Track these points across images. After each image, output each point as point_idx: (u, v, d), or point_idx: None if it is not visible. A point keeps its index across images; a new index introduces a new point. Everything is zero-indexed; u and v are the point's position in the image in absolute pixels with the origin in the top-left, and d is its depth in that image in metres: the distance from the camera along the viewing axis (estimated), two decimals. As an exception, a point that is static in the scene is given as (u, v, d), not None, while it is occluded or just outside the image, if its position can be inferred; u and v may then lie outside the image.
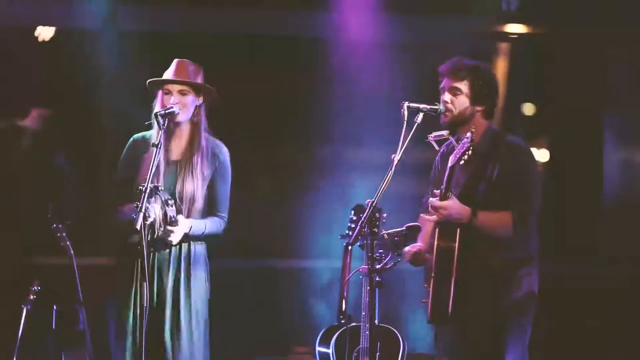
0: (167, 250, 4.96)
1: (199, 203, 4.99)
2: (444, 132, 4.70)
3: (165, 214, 4.78)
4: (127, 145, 5.10)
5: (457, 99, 4.65)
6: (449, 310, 4.48)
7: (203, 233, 4.98)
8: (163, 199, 4.75)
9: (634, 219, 7.32)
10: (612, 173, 7.61)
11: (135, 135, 5.10)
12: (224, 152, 5.10)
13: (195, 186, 4.97)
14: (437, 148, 4.76)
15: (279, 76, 7.12)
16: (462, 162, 4.46)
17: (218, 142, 5.10)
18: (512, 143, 4.68)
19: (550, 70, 7.40)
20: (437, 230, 4.55)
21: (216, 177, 5.06)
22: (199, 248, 5.05)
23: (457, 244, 4.49)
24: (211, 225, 5.01)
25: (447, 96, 4.66)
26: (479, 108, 4.67)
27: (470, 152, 4.45)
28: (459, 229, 4.50)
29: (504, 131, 4.76)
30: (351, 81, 6.92)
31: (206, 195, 5.03)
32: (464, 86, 4.65)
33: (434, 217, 4.54)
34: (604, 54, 7.45)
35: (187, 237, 4.93)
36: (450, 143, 4.72)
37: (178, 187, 4.98)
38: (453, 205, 4.50)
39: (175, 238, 4.86)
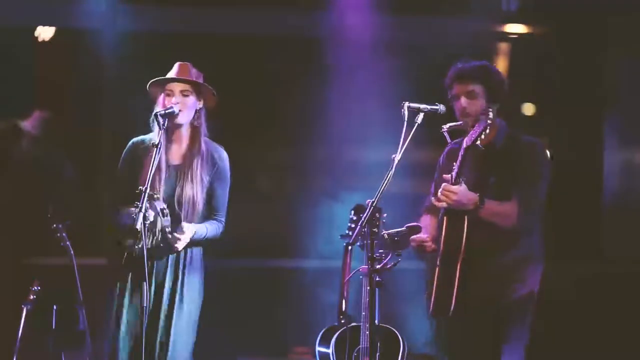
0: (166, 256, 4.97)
1: (199, 207, 4.99)
2: (459, 123, 4.70)
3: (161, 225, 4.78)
4: (126, 148, 5.08)
5: (474, 102, 4.64)
6: (452, 304, 4.48)
7: (204, 237, 4.99)
8: (158, 208, 4.75)
9: (634, 220, 7.32)
10: (612, 173, 7.61)
11: (135, 139, 5.08)
12: (224, 158, 5.10)
13: (194, 191, 4.97)
14: (449, 140, 4.75)
15: (278, 76, 7.11)
16: (478, 142, 4.43)
17: (218, 146, 5.10)
18: (530, 141, 4.71)
19: (550, 70, 7.40)
20: (445, 220, 4.55)
21: (215, 182, 5.05)
22: (196, 251, 5.06)
23: (464, 234, 4.50)
24: (211, 229, 5.02)
25: (464, 101, 4.64)
26: (494, 106, 4.65)
27: (487, 131, 4.42)
28: (466, 218, 4.49)
29: (519, 131, 4.75)
30: (351, 81, 6.91)
31: (205, 199, 5.03)
32: (478, 88, 4.64)
33: (443, 203, 4.51)
34: (604, 53, 7.44)
35: (189, 242, 4.93)
36: (460, 140, 4.71)
37: (177, 191, 4.98)
38: (462, 190, 4.48)
39: (181, 245, 4.87)
